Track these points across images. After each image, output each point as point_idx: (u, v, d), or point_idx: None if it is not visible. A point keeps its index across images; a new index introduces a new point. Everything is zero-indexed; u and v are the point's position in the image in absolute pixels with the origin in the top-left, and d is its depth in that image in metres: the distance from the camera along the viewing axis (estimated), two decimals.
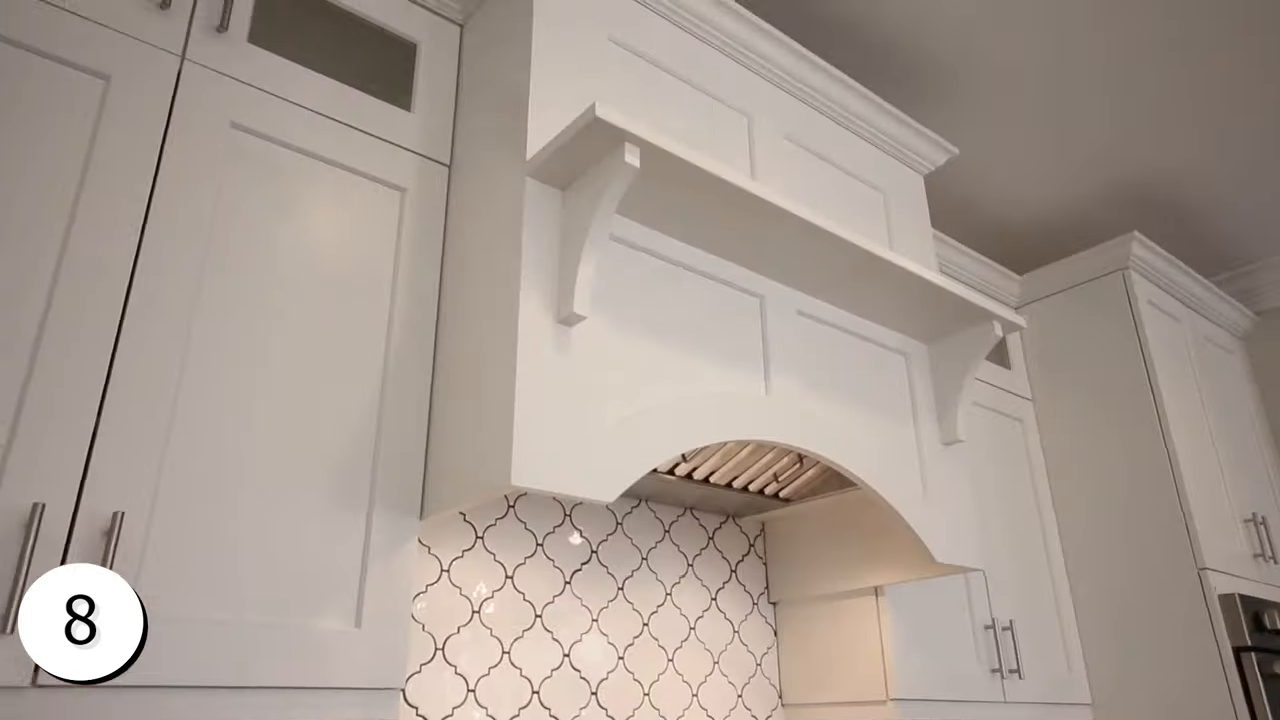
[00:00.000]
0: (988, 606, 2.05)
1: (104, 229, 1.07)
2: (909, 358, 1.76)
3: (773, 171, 1.68)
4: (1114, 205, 2.63)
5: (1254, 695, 1.93)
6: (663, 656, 1.77)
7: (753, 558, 2.03)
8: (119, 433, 1.01)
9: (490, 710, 1.50)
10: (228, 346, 1.14)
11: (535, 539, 1.66)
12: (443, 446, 1.25)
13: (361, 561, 1.16)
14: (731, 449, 1.65)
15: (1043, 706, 2.05)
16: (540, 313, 1.20)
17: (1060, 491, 2.38)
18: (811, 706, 1.88)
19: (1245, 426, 2.59)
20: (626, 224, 1.37)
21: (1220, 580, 2.08)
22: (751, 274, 1.53)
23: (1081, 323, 2.45)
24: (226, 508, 1.07)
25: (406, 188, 1.39)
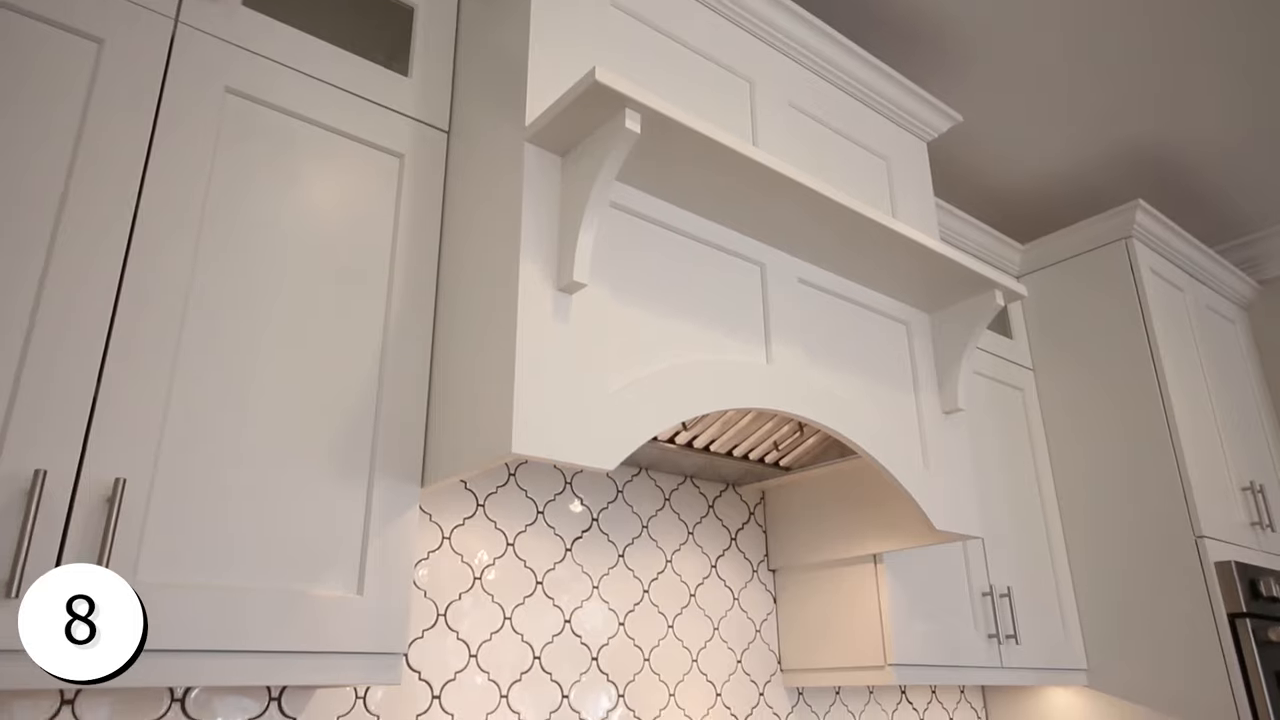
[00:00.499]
0: (986, 573, 2.07)
1: (100, 195, 1.07)
2: (910, 326, 1.75)
3: (775, 138, 1.66)
4: (1118, 174, 2.61)
5: (1248, 661, 1.95)
6: (663, 623, 1.79)
7: (752, 526, 2.04)
8: (119, 400, 1.01)
9: (492, 675, 1.51)
10: (226, 313, 1.13)
11: (536, 507, 1.67)
12: (443, 414, 1.25)
13: (363, 529, 1.16)
14: (732, 417, 1.65)
15: (1038, 671, 2.08)
16: (540, 280, 1.20)
17: (1059, 460, 2.39)
18: (810, 672, 1.91)
19: (1245, 395, 2.60)
20: (627, 191, 1.36)
21: (1217, 548, 2.09)
22: (753, 241, 1.52)
23: (1083, 292, 2.44)
24: (228, 475, 1.07)
25: (404, 154, 1.38)
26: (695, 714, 1.77)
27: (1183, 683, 2.03)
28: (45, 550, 0.92)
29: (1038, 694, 2.29)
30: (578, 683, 1.62)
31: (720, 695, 1.83)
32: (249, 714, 1.26)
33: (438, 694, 1.44)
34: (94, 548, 0.95)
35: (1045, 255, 2.54)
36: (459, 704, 1.46)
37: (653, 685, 1.73)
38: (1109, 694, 2.15)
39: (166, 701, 1.20)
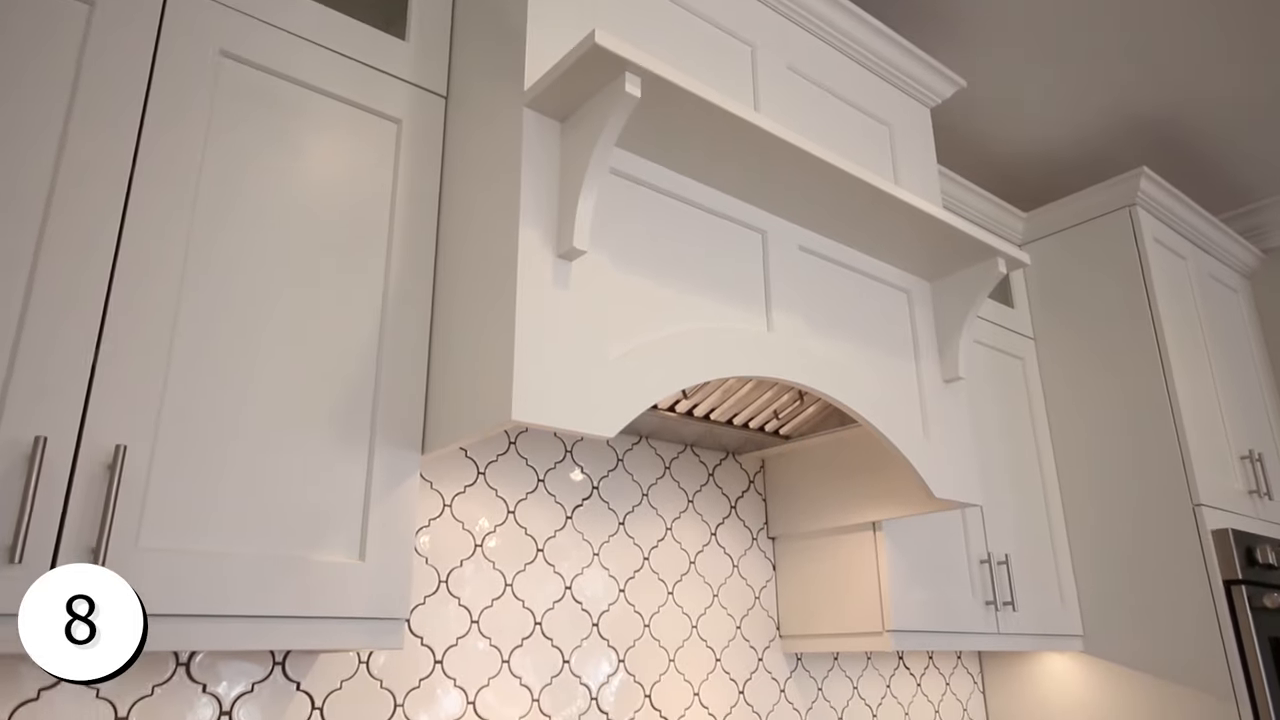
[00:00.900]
0: (984, 541, 2.08)
1: (93, 162, 1.05)
2: (911, 295, 1.75)
3: (776, 103, 1.64)
4: (1123, 141, 2.59)
5: (1243, 627, 1.97)
6: (663, 589, 1.80)
7: (752, 494, 2.05)
8: (118, 368, 1.01)
9: (493, 640, 1.53)
10: (223, 280, 1.13)
11: (536, 475, 1.68)
12: (443, 382, 1.25)
13: (364, 495, 1.17)
14: (732, 386, 1.65)
15: (1035, 637, 2.10)
16: (540, 247, 1.19)
17: (1059, 428, 2.39)
18: (809, 638, 1.93)
19: (1246, 364, 2.59)
20: (627, 157, 1.35)
21: (1214, 516, 2.10)
22: (753, 209, 1.51)
23: (1086, 260, 2.43)
24: (229, 443, 1.07)
25: (402, 119, 1.36)
26: (695, 679, 1.79)
27: (1178, 648, 2.05)
28: (48, 516, 0.93)
29: (1034, 660, 2.32)
30: (579, 648, 1.64)
31: (720, 661, 1.85)
32: (253, 678, 1.28)
33: (440, 659, 1.46)
34: (96, 514, 0.95)
35: (1048, 223, 2.53)
36: (461, 669, 1.48)
37: (653, 651, 1.74)
38: (1104, 659, 2.18)
39: (172, 665, 1.21)
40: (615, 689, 1.66)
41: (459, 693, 1.46)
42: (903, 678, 2.23)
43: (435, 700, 1.43)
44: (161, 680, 1.20)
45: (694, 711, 1.77)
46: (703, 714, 1.78)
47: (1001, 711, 2.37)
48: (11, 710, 1.09)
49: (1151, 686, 2.08)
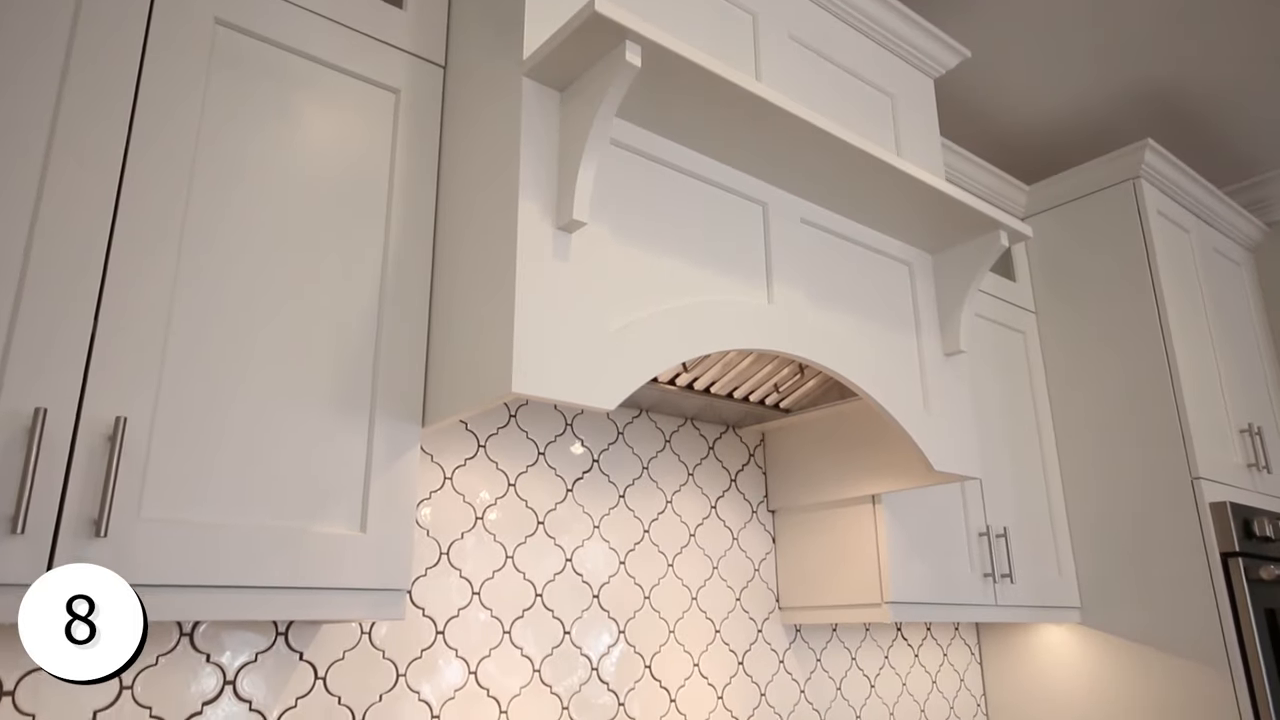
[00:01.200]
0: (983, 514, 2.09)
1: (88, 134, 1.04)
2: (913, 267, 1.74)
3: (778, 73, 1.63)
4: (1127, 113, 2.56)
5: (1239, 598, 1.98)
6: (663, 562, 1.81)
7: (752, 467, 2.05)
8: (116, 340, 1.01)
9: (495, 611, 1.54)
10: (221, 251, 1.12)
11: (537, 448, 1.68)
12: (443, 354, 1.25)
13: (365, 468, 1.17)
14: (732, 359, 1.65)
15: (1032, 609, 2.11)
16: (539, 219, 1.18)
17: (1059, 402, 2.39)
18: (808, 609, 1.94)
19: (1248, 337, 2.59)
20: (627, 128, 1.34)
21: (1213, 489, 2.11)
22: (755, 181, 1.50)
23: (1088, 233, 2.42)
24: (229, 416, 1.07)
25: (400, 89, 1.35)
26: (695, 650, 1.81)
27: (1174, 619, 2.07)
28: (49, 487, 0.93)
29: (1031, 631, 2.34)
30: (579, 619, 1.65)
31: (719, 632, 1.87)
32: (256, 648, 1.29)
33: (441, 629, 1.47)
34: (97, 485, 0.95)
35: (1051, 196, 2.51)
36: (462, 639, 1.49)
37: (653, 622, 1.76)
38: (1101, 631, 2.19)
39: (176, 636, 1.22)
40: (616, 659, 1.68)
41: (460, 663, 1.48)
42: (901, 649, 2.25)
43: (437, 670, 1.45)
44: (165, 650, 1.21)
45: (694, 681, 1.79)
46: (702, 684, 1.80)
47: (998, 682, 2.39)
48: (17, 680, 1.10)
49: (1147, 657, 2.10)
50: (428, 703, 1.42)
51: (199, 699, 1.22)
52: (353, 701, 1.35)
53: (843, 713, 2.05)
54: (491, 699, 1.50)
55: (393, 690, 1.39)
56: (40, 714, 1.11)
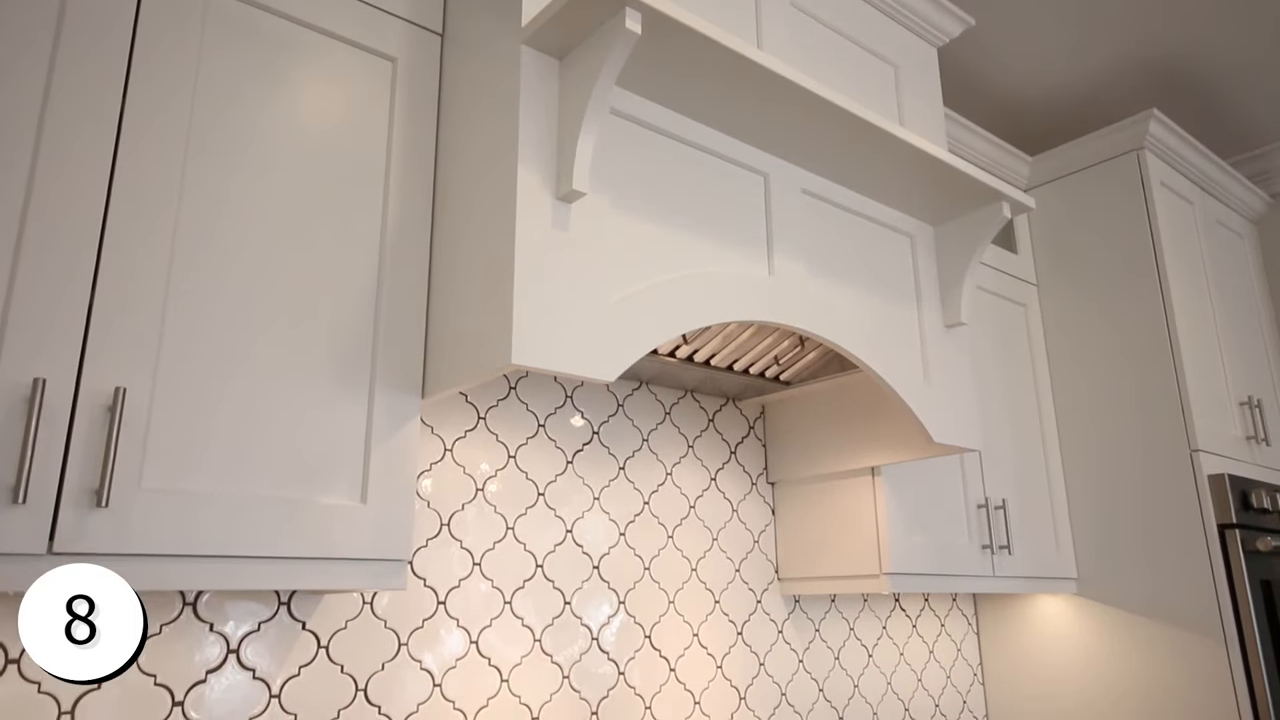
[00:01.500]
0: (982, 486, 2.10)
1: (81, 103, 1.03)
2: (914, 239, 1.73)
3: (779, 41, 1.61)
4: (1131, 83, 2.54)
5: (1235, 569, 1.99)
6: (663, 533, 1.82)
7: (752, 439, 2.06)
8: (114, 310, 1.00)
9: (495, 582, 1.55)
10: (217, 221, 1.11)
11: (537, 420, 1.68)
12: (442, 325, 1.25)
13: (364, 439, 1.17)
14: (733, 331, 1.65)
15: (1029, 580, 2.13)
16: (539, 189, 1.17)
17: (1059, 374, 2.39)
18: (807, 580, 1.95)
19: (1249, 309, 2.58)
20: (628, 97, 1.32)
21: (1211, 461, 2.11)
22: (756, 151, 1.48)
23: (1091, 205, 2.40)
24: (228, 386, 1.07)
25: (397, 57, 1.33)
26: (694, 620, 1.82)
27: (1170, 590, 2.08)
28: (50, 458, 0.93)
29: (1028, 602, 2.36)
30: (579, 590, 1.66)
31: (719, 603, 1.88)
32: (259, 618, 1.29)
33: (443, 600, 1.48)
34: (98, 455, 0.95)
35: (1054, 168, 2.49)
36: (464, 610, 1.50)
37: (653, 593, 1.77)
38: (1097, 601, 2.21)
39: (179, 605, 1.23)
40: (616, 630, 1.69)
41: (462, 633, 1.49)
42: (899, 619, 2.27)
43: (439, 640, 1.46)
44: (169, 620, 1.22)
45: (693, 651, 1.81)
46: (701, 654, 1.82)
47: (995, 652, 2.41)
48: (21, 651, 1.11)
49: (1143, 628, 2.12)
50: (429, 672, 1.44)
51: (203, 667, 1.23)
52: (355, 670, 1.36)
53: (840, 682, 2.07)
54: (493, 668, 1.51)
55: (395, 659, 1.41)
56: (45, 681, 1.12)
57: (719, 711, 1.82)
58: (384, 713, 1.38)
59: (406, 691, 1.41)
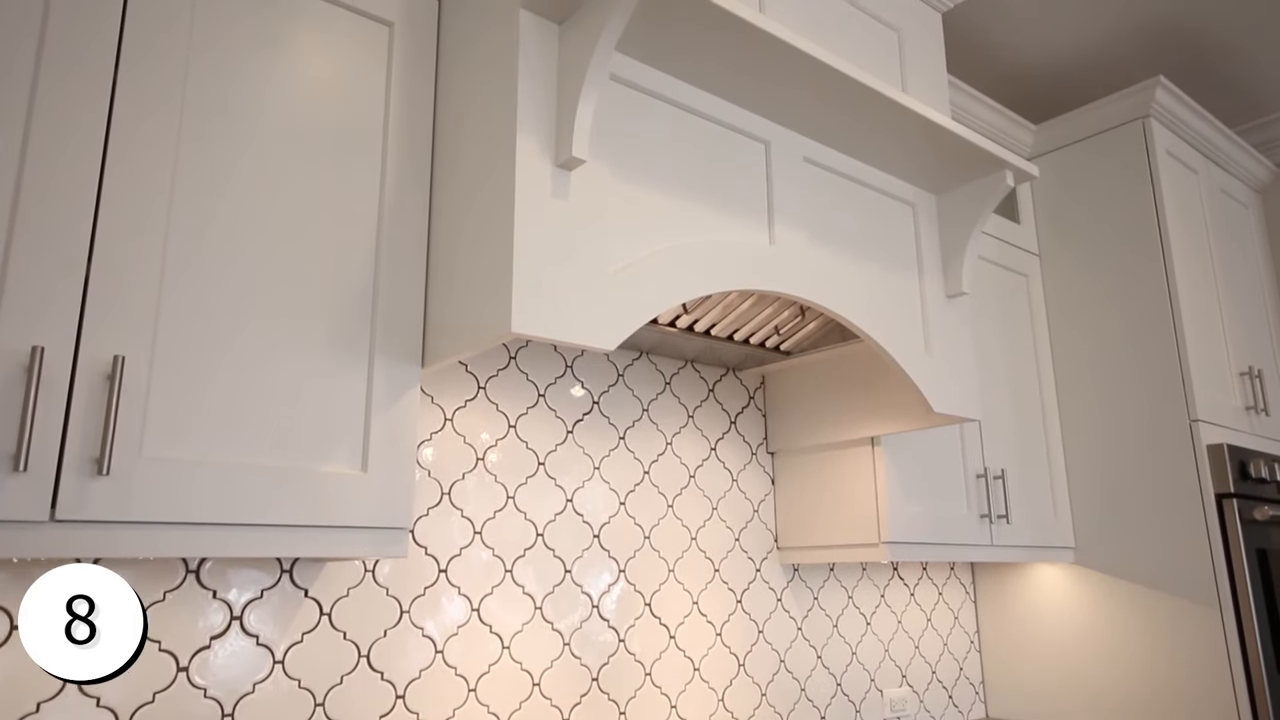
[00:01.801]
0: (981, 456, 2.10)
1: (73, 69, 1.02)
2: (916, 208, 1.72)
3: (782, 5, 1.58)
4: (1136, 50, 2.50)
5: (1231, 538, 2.00)
6: (663, 503, 1.83)
7: (752, 409, 2.06)
8: (111, 279, 1.00)
9: (496, 550, 1.56)
10: (214, 189, 1.10)
11: (537, 390, 1.68)
12: (441, 294, 1.24)
13: (365, 407, 1.17)
14: (733, 301, 1.64)
15: (1027, 549, 2.14)
16: (538, 156, 1.16)
17: (1060, 344, 2.39)
18: (806, 549, 1.96)
19: (1252, 279, 2.57)
20: (627, 62, 1.31)
21: (1211, 431, 2.12)
22: (758, 118, 1.47)
23: (1095, 174, 2.38)
24: (226, 356, 1.07)
25: (394, 21, 1.31)
26: (694, 588, 1.84)
27: (1167, 559, 2.10)
28: (50, 425, 0.93)
29: (1025, 570, 2.37)
30: (580, 558, 1.67)
31: (718, 571, 1.89)
32: (262, 585, 1.30)
33: (444, 568, 1.49)
34: (98, 424, 0.95)
35: (1058, 136, 2.47)
36: (465, 577, 1.51)
37: (653, 561, 1.78)
38: (1094, 570, 2.23)
39: (182, 572, 1.24)
40: (616, 598, 1.71)
41: (463, 600, 1.50)
42: (897, 588, 2.28)
43: (440, 607, 1.47)
44: (172, 587, 1.23)
45: (693, 619, 1.82)
46: (701, 622, 1.83)
47: (992, 620, 2.44)
48: None
49: (1140, 596, 2.13)
50: (431, 639, 1.45)
51: (207, 633, 1.24)
52: (358, 637, 1.38)
53: (839, 650, 2.09)
54: (494, 635, 1.53)
55: (397, 627, 1.42)
56: None
57: (718, 678, 1.84)
58: (386, 679, 1.39)
59: (409, 658, 1.42)
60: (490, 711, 1.50)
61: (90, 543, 0.93)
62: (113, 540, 0.94)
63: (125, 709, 1.17)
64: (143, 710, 1.18)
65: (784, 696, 1.95)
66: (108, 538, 0.94)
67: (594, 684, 1.64)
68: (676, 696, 1.76)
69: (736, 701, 1.86)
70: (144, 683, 1.19)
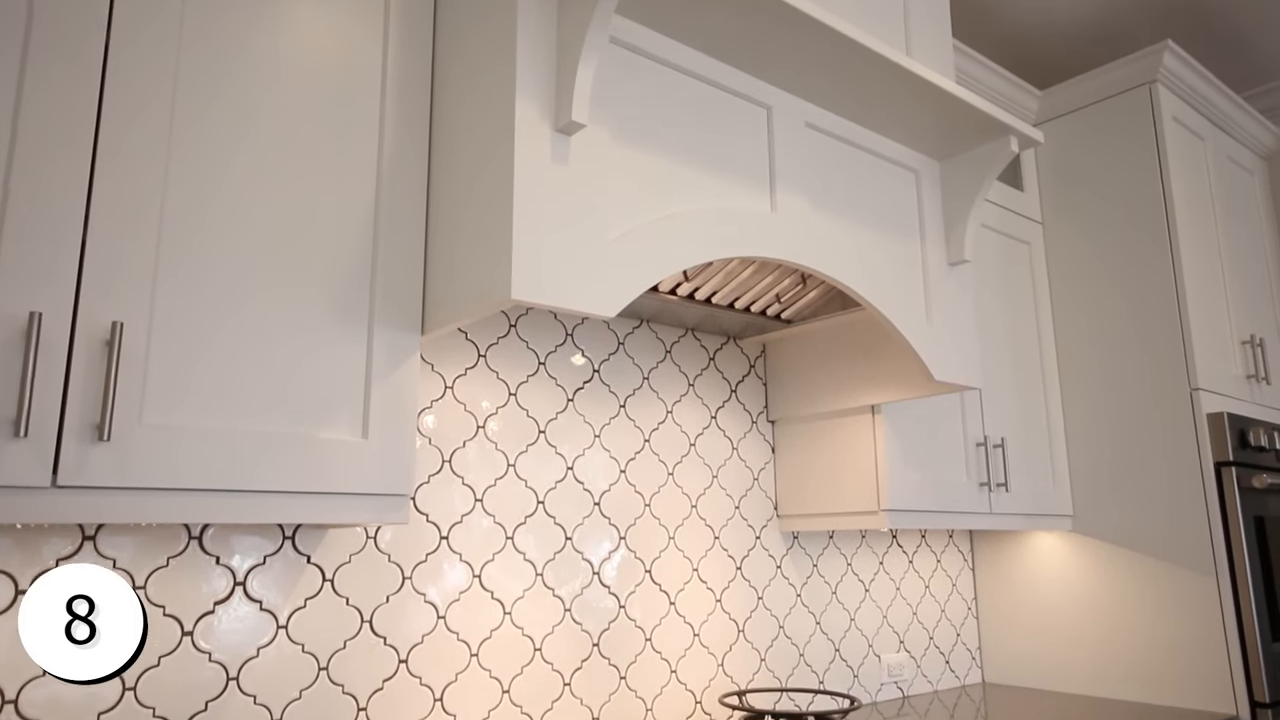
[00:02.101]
0: (981, 424, 2.10)
1: (64, 36, 1.00)
2: (919, 175, 1.70)
3: None
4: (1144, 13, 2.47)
5: (1229, 506, 2.01)
6: (663, 470, 1.83)
7: (753, 378, 2.06)
8: (107, 245, 0.99)
9: (497, 518, 1.57)
10: (211, 156, 1.09)
11: (537, 358, 1.68)
12: (441, 261, 1.23)
13: (365, 375, 1.17)
14: (734, 269, 1.63)
15: (1025, 517, 2.15)
16: (537, 120, 1.15)
17: (1062, 312, 2.38)
18: (805, 517, 1.97)
19: (1256, 247, 2.56)
20: (628, 25, 1.29)
21: (1211, 400, 2.12)
22: (759, 82, 1.45)
23: (1100, 141, 2.36)
24: (226, 321, 1.07)
25: None
26: (694, 555, 1.85)
27: (1165, 526, 2.11)
28: (49, 391, 0.93)
29: (1023, 538, 2.39)
30: (580, 526, 1.68)
31: (718, 538, 1.90)
32: (264, 551, 1.31)
33: (445, 535, 1.50)
34: (98, 390, 0.95)
35: (1064, 102, 2.44)
36: (466, 544, 1.52)
37: (653, 529, 1.79)
38: (1092, 537, 2.24)
39: (184, 539, 1.25)
40: (616, 564, 1.72)
41: (465, 567, 1.51)
42: (895, 555, 2.30)
43: (442, 574, 1.48)
44: (175, 553, 1.23)
45: (693, 585, 1.83)
46: (701, 588, 1.85)
47: (989, 587, 2.46)
48: (32, 578, 1.13)
49: (1136, 562, 2.15)
50: (433, 604, 1.46)
51: (210, 599, 1.25)
52: (360, 603, 1.39)
53: (838, 616, 2.11)
54: (496, 601, 1.54)
55: (399, 592, 1.43)
56: None
57: (718, 644, 1.86)
58: (389, 643, 1.41)
59: (411, 623, 1.43)
60: (492, 676, 1.51)
61: (91, 508, 0.93)
62: (114, 506, 0.94)
63: (131, 674, 1.18)
64: (148, 674, 1.19)
65: (783, 662, 1.97)
66: (109, 503, 0.94)
67: (595, 649, 1.66)
68: (676, 662, 1.78)
69: (736, 667, 1.88)
70: (149, 648, 1.20)
